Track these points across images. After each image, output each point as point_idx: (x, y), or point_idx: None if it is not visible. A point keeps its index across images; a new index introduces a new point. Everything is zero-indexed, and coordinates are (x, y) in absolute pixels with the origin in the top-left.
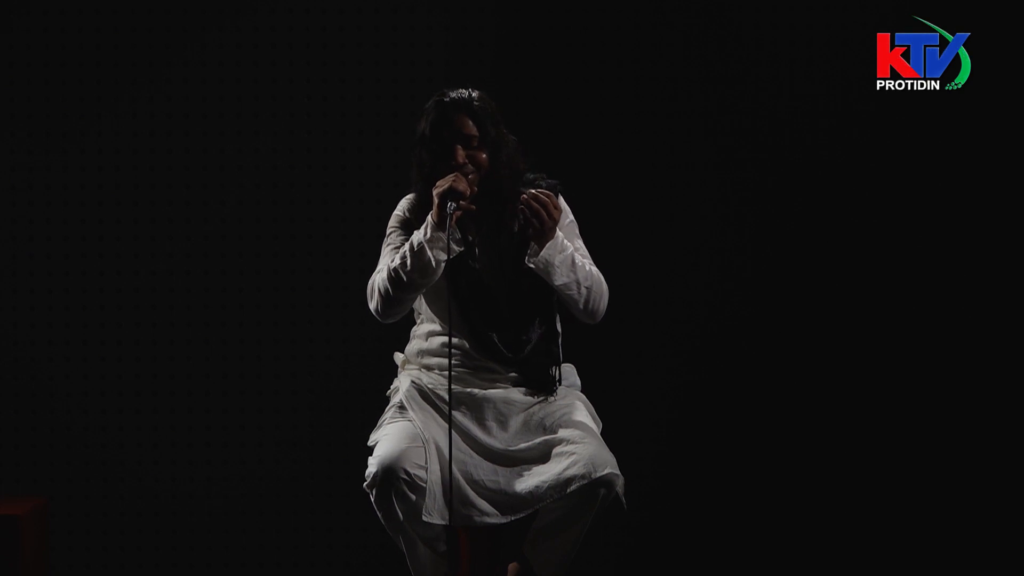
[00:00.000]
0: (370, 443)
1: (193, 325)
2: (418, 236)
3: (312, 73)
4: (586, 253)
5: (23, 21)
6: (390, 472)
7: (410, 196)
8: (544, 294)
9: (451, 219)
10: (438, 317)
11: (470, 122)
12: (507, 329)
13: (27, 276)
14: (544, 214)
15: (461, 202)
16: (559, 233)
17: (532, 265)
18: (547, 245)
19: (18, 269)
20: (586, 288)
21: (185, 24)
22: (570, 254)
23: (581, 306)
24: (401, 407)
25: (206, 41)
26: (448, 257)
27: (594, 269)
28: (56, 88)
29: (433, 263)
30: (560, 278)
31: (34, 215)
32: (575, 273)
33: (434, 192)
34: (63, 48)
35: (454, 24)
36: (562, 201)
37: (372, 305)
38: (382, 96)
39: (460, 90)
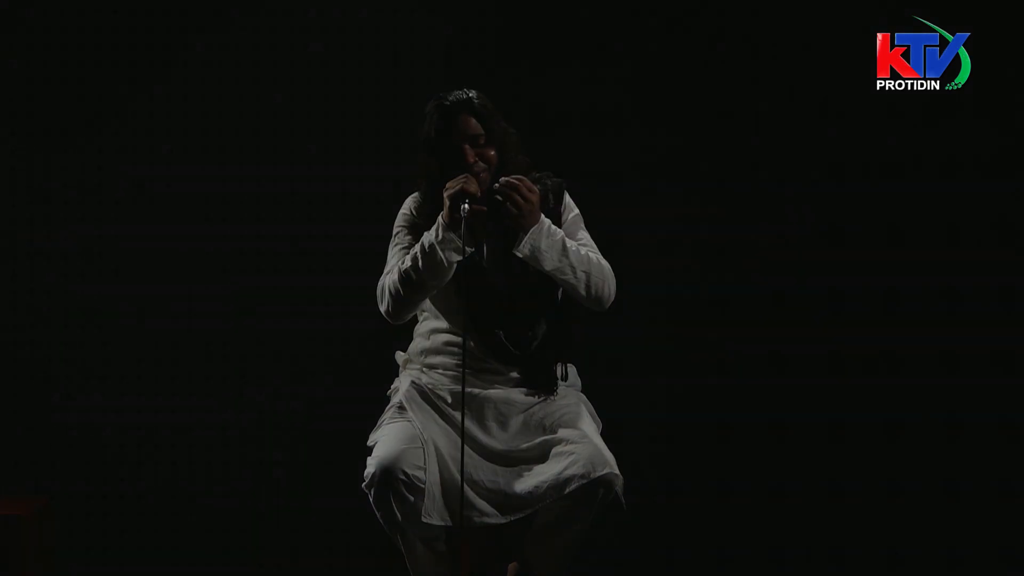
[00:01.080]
0: (369, 443)
1: (193, 325)
2: (429, 237)
3: (312, 73)
4: (593, 245)
5: (24, 21)
6: (388, 473)
7: (415, 195)
8: (549, 290)
9: (464, 221)
10: (442, 313)
11: (474, 121)
12: (512, 326)
13: (27, 276)
14: (517, 196)
15: (473, 204)
16: (545, 219)
17: (519, 254)
18: (531, 231)
19: (18, 269)
20: (583, 272)
21: (185, 24)
22: (560, 239)
23: (583, 292)
24: (401, 407)
25: (206, 41)
26: (462, 258)
27: (595, 256)
28: (56, 88)
29: (445, 263)
30: (550, 263)
31: (34, 215)
32: (567, 258)
33: (445, 195)
34: (63, 48)
35: (454, 24)
36: (567, 197)
37: (383, 307)
38: (382, 96)
39: (457, 91)
